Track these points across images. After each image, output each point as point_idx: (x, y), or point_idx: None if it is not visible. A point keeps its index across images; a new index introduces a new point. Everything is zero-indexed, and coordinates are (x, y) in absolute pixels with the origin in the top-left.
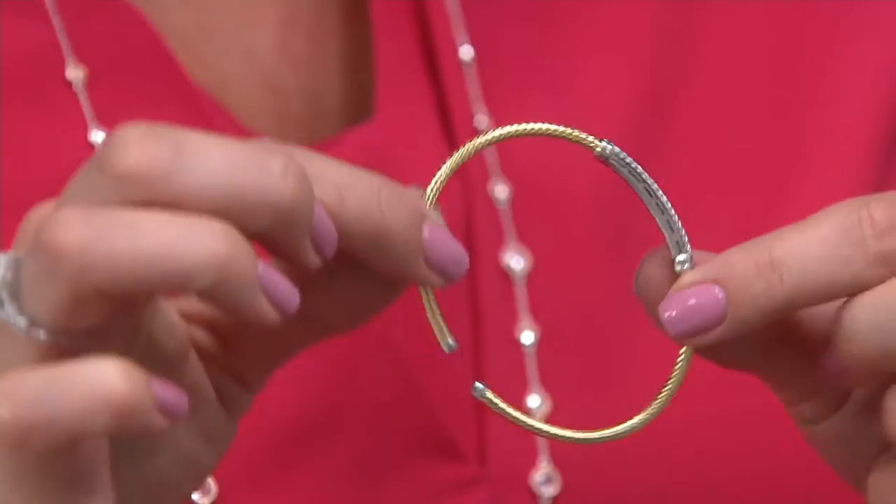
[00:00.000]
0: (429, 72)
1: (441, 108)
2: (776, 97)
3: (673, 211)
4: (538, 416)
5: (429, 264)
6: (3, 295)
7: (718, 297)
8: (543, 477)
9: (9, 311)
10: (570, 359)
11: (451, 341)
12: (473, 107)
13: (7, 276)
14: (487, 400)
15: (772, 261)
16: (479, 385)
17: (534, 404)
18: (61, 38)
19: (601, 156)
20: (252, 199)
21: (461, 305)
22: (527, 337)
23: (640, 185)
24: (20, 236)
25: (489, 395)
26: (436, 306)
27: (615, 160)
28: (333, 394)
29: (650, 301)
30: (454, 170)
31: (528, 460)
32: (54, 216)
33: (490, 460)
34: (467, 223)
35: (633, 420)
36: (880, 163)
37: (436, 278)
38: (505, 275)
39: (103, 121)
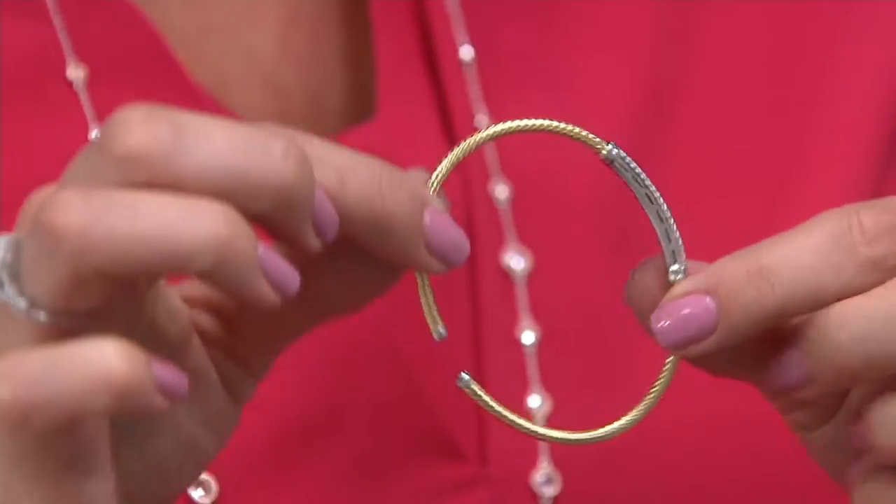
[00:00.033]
0: (429, 72)
1: (441, 108)
2: (776, 97)
3: (672, 220)
4: (539, 417)
5: (430, 250)
6: (3, 276)
7: (710, 306)
8: (544, 477)
9: (9, 293)
10: (571, 359)
11: (442, 329)
12: (474, 107)
13: (7, 257)
14: (471, 391)
15: (762, 269)
16: (464, 375)
17: (534, 404)
18: (62, 37)
19: (606, 158)
20: (253, 181)
21: (462, 306)
22: (527, 337)
23: (641, 191)
24: (21, 219)
25: (474, 386)
26: (430, 293)
27: (619, 164)
28: (334, 394)
29: (642, 310)
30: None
31: (529, 460)
32: (54, 197)
33: (490, 460)
34: (468, 223)
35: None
36: (880, 163)
37: (437, 264)
38: (505, 275)
39: (104, 120)
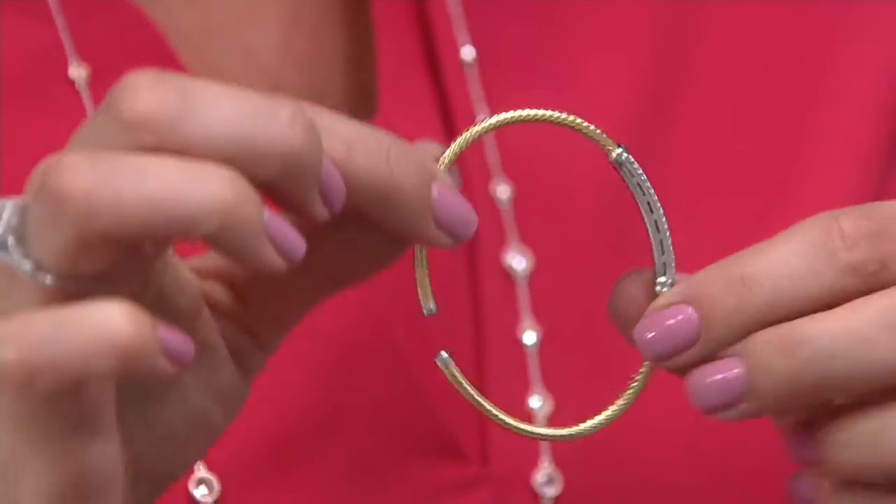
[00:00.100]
0: (430, 72)
1: (443, 109)
2: (776, 97)
3: (668, 232)
4: (540, 417)
5: (437, 224)
6: (9, 239)
7: (692, 316)
8: (545, 477)
9: (15, 256)
10: (572, 359)
11: (432, 305)
12: (475, 107)
13: (13, 220)
14: (449, 373)
15: (743, 277)
16: (443, 354)
17: (536, 404)
18: (64, 37)
19: (616, 161)
20: (260, 147)
21: (463, 306)
22: (529, 337)
23: (643, 199)
24: (29, 186)
25: (452, 368)
26: (425, 267)
27: (627, 168)
28: (335, 394)
29: (625, 321)
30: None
31: (530, 460)
32: (61, 161)
33: (492, 460)
34: None
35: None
36: (880, 163)
37: (444, 238)
38: (507, 275)
39: None
